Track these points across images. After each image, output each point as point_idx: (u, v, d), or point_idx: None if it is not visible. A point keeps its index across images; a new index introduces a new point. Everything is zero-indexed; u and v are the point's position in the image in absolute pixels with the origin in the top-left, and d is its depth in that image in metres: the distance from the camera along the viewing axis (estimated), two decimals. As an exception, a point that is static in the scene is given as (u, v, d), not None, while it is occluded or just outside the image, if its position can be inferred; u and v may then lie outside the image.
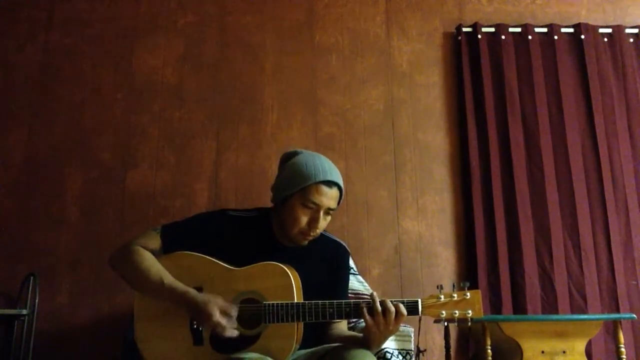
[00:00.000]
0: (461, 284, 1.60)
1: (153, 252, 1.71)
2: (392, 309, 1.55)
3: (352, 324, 2.20)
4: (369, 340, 1.64)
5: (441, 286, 1.61)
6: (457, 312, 1.57)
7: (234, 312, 1.61)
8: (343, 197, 1.81)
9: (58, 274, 2.82)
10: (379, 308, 1.56)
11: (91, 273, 2.82)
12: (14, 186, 2.93)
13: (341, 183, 1.76)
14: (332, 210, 1.76)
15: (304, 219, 1.72)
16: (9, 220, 2.88)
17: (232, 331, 1.58)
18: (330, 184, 1.73)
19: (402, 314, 1.56)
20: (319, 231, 1.75)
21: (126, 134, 3.05)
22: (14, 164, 2.96)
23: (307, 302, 1.61)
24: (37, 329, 2.71)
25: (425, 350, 2.29)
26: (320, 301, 1.61)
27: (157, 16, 3.22)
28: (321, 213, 1.72)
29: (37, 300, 2.71)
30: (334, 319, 1.62)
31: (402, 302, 1.57)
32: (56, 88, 3.08)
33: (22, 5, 3.17)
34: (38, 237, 2.86)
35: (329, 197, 1.72)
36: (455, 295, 1.58)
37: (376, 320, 1.56)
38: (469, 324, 1.61)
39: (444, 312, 1.57)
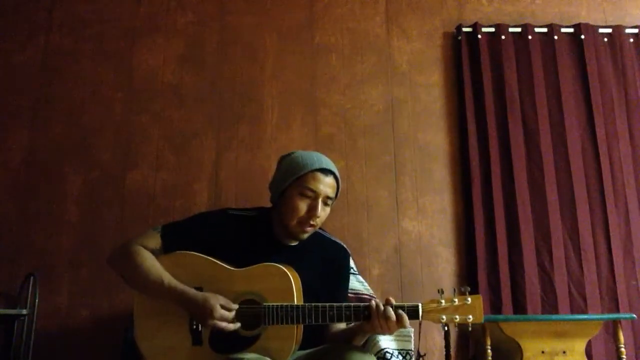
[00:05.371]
0: (462, 289, 1.59)
1: (153, 251, 1.71)
2: (393, 317, 1.55)
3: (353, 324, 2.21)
4: (365, 335, 1.71)
5: (442, 290, 1.60)
6: (457, 317, 1.56)
7: (234, 307, 1.61)
8: (341, 191, 1.82)
9: (58, 274, 2.82)
10: (381, 314, 1.56)
11: (91, 273, 2.82)
12: (14, 186, 2.93)
13: (337, 173, 1.79)
14: (330, 200, 1.77)
15: (302, 208, 1.73)
16: (9, 220, 2.88)
17: (234, 325, 1.59)
18: (326, 171, 1.75)
19: (401, 322, 1.56)
20: (318, 221, 1.75)
21: (126, 134, 3.05)
22: (14, 164, 2.96)
23: (307, 304, 1.61)
24: (37, 329, 2.71)
25: (425, 354, 2.29)
26: (320, 304, 1.61)
27: (157, 16, 3.23)
28: (319, 201, 1.73)
29: (37, 300, 2.71)
30: (334, 322, 1.62)
31: (403, 307, 1.57)
32: (56, 88, 3.08)
33: (22, 5, 3.17)
34: (38, 237, 2.86)
35: (325, 184, 1.74)
36: (456, 300, 1.57)
37: (375, 325, 1.57)
38: (470, 328, 1.61)
39: (444, 316, 1.57)
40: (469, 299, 1.57)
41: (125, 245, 1.72)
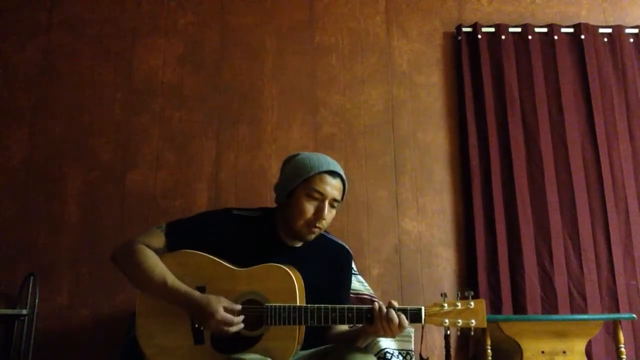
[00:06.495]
0: (465, 293, 1.59)
1: (156, 250, 1.71)
2: (396, 320, 1.56)
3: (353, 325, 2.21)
4: (368, 338, 1.72)
5: (445, 294, 1.61)
6: (460, 321, 1.56)
7: (237, 308, 1.61)
8: (346, 193, 1.82)
9: (58, 274, 2.82)
10: (383, 316, 1.56)
11: (91, 273, 2.82)
12: (14, 186, 2.93)
13: (344, 175, 1.79)
14: (336, 203, 1.77)
15: (309, 210, 1.73)
16: (9, 220, 2.88)
17: (237, 325, 1.59)
18: (334, 174, 1.76)
19: (403, 325, 1.56)
20: (325, 223, 1.75)
21: (126, 134, 3.05)
22: (14, 164, 2.96)
23: (310, 305, 1.62)
24: (37, 329, 2.71)
25: (427, 358, 2.30)
26: (323, 305, 1.61)
27: (157, 16, 3.22)
28: (326, 203, 1.73)
29: (37, 300, 2.71)
30: (336, 323, 1.62)
31: (405, 310, 1.58)
32: (56, 88, 3.08)
33: (22, 5, 3.17)
34: (38, 237, 2.86)
35: (332, 187, 1.74)
36: (459, 304, 1.58)
37: (377, 328, 1.58)
38: (472, 333, 1.61)
39: (447, 320, 1.57)
40: (472, 303, 1.57)
41: (128, 244, 1.72)
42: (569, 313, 2.84)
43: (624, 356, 2.40)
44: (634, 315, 2.46)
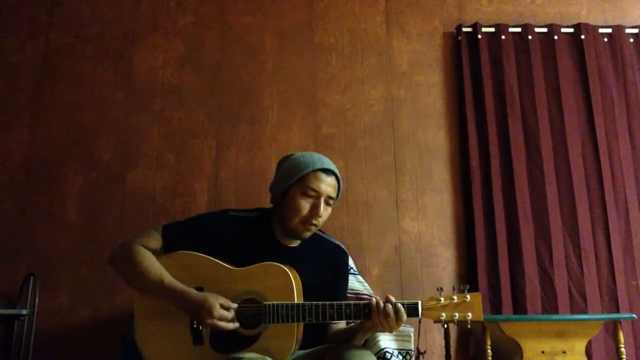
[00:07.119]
0: (461, 287, 1.61)
1: (154, 251, 1.72)
2: (392, 313, 1.56)
3: (352, 323, 2.21)
4: (366, 334, 1.73)
5: (441, 288, 1.62)
6: (456, 314, 1.58)
7: (234, 307, 1.61)
8: (341, 192, 1.84)
9: (58, 274, 2.82)
10: (380, 311, 1.57)
11: (91, 273, 2.82)
12: (14, 186, 2.93)
13: (338, 173, 1.81)
14: (332, 200, 1.78)
15: (305, 207, 1.74)
16: (9, 220, 2.88)
17: (233, 324, 1.59)
18: (328, 171, 1.77)
19: (401, 319, 1.57)
20: (320, 220, 1.77)
21: (126, 134, 3.05)
22: (14, 164, 2.96)
23: (307, 302, 1.62)
24: (37, 329, 2.71)
25: (425, 352, 2.30)
26: (320, 302, 1.62)
27: (157, 16, 3.22)
28: (322, 201, 1.74)
29: (37, 300, 2.71)
30: (334, 320, 1.63)
31: (403, 305, 1.58)
32: (56, 88, 3.08)
33: (22, 5, 3.17)
34: (38, 237, 2.86)
35: (327, 184, 1.75)
36: (455, 297, 1.59)
37: (375, 323, 1.58)
38: (469, 326, 1.62)
39: (443, 314, 1.58)
40: (468, 296, 1.59)
41: (125, 245, 1.72)
42: (569, 313, 2.84)
43: (624, 356, 2.39)
44: (634, 315, 2.45)
